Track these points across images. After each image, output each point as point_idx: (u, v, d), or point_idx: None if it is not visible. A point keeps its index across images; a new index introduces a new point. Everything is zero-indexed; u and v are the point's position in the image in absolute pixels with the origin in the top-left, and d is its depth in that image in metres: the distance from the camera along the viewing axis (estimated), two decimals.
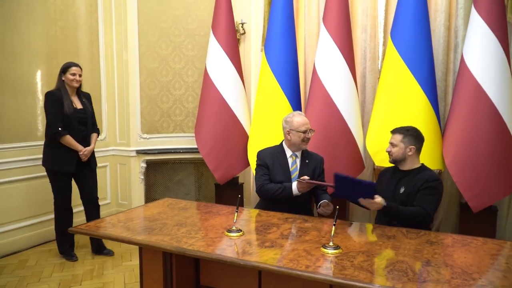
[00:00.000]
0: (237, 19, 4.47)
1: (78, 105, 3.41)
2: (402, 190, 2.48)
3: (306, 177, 2.52)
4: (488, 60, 3.07)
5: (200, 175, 4.94)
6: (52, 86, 3.93)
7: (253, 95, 4.39)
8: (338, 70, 3.54)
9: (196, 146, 4.25)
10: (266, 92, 3.82)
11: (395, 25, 3.40)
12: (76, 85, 3.36)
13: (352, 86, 3.57)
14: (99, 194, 4.49)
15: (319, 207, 2.52)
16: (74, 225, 3.58)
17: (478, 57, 3.08)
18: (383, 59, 3.78)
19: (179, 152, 4.65)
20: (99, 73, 4.48)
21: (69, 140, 3.30)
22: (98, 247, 3.64)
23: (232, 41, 4.09)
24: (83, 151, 3.37)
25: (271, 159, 2.75)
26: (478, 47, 3.09)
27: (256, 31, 4.52)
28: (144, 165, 4.61)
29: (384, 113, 3.39)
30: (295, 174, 2.72)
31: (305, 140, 2.71)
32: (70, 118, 3.28)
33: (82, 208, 3.67)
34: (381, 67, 3.83)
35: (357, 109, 3.63)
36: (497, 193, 3.08)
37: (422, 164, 2.58)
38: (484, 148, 3.04)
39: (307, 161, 2.77)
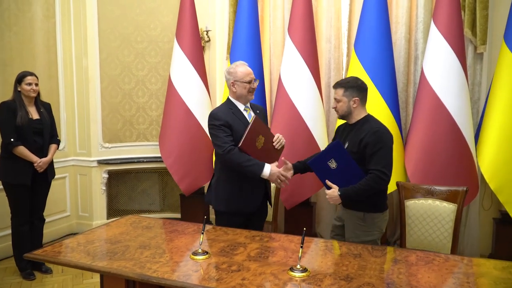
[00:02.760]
0: (202, 26, 4.42)
1: (34, 115, 3.26)
2: (346, 145, 2.44)
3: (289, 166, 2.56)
4: (446, 72, 3.18)
5: (165, 184, 4.84)
6: (9, 94, 3.71)
7: (218, 104, 4.34)
8: (303, 79, 3.57)
9: (160, 155, 4.16)
10: None
11: (358, 37, 3.46)
12: (33, 94, 3.22)
13: (316, 95, 3.61)
14: (59, 207, 4.35)
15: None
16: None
17: (436, 69, 3.19)
18: (347, 69, 3.83)
19: (143, 162, 4.53)
20: (57, 80, 4.28)
21: (22, 150, 3.16)
22: (36, 263, 3.42)
23: (196, 49, 4.03)
24: (38, 162, 3.22)
25: (230, 116, 2.50)
26: (437, 60, 3.20)
27: (221, 39, 4.47)
28: (105, 175, 4.46)
29: None
30: None
31: (251, 91, 2.55)
32: (24, 129, 3.15)
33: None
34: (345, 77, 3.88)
35: (322, 118, 3.67)
36: None
37: (367, 114, 2.49)
38: (443, 156, 3.15)
39: (257, 111, 2.66)
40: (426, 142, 3.20)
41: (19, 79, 3.19)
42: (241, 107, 2.59)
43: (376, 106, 3.30)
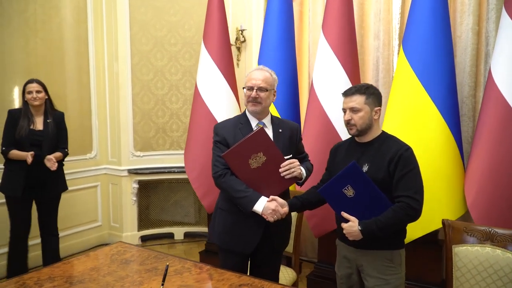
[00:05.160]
0: (237, 25, 4.04)
1: (39, 125, 3.10)
2: (365, 168, 1.92)
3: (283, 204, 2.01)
4: None
5: None
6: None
7: None
8: (338, 85, 2.97)
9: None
10: None
11: (407, 32, 2.81)
12: (35, 103, 3.04)
13: None
14: (90, 216, 4.26)
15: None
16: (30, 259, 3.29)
17: (507, 71, 2.43)
18: None
19: (174, 172, 4.26)
20: (89, 87, 4.18)
21: (14, 152, 3.00)
22: None
23: (225, 53, 3.62)
24: (29, 154, 2.93)
25: (232, 132, 2.10)
26: (508, 58, 2.44)
27: (258, 39, 4.02)
28: (136, 185, 4.27)
29: None
30: None
31: (251, 100, 2.05)
32: (22, 139, 3.00)
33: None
34: None
35: None
36: None
37: (383, 131, 2.02)
38: None
39: (280, 130, 2.14)
40: (493, 163, 2.46)
41: (23, 88, 3.07)
42: (253, 122, 2.13)
43: (427, 117, 2.65)
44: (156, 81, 4.30)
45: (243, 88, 2.11)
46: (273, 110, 3.23)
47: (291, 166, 2.03)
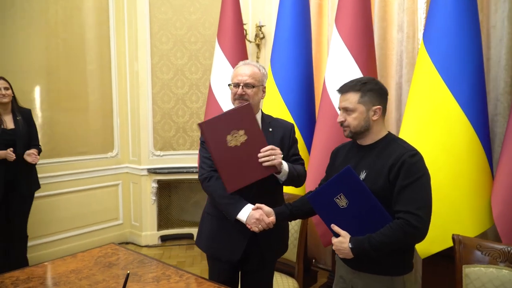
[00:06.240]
0: (256, 21, 3.90)
1: (9, 124, 3.04)
2: (363, 175, 1.68)
3: (268, 217, 1.82)
4: None
5: None
6: (53, 103, 3.77)
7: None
8: None
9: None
10: (271, 109, 3.17)
11: (429, 22, 2.52)
12: (4, 100, 2.99)
13: None
14: (111, 214, 4.30)
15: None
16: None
17: None
18: None
19: (193, 172, 4.19)
20: (111, 86, 4.22)
21: None
22: None
23: (239, 50, 3.49)
24: (9, 150, 2.90)
25: None
26: None
27: None
28: (155, 185, 4.25)
29: (411, 140, 2.52)
30: None
31: (237, 98, 1.89)
32: None
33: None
34: None
35: None
36: None
37: (388, 132, 1.75)
38: None
39: (270, 129, 1.97)
40: None
41: None
42: None
43: (448, 117, 2.35)
44: (176, 80, 4.26)
45: (229, 84, 1.96)
46: (285, 111, 3.06)
47: (272, 153, 1.82)
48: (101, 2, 4.06)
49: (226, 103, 3.40)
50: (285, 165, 1.88)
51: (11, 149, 2.94)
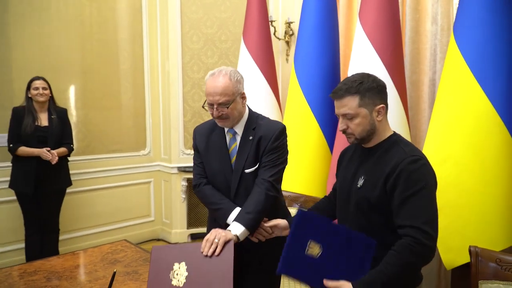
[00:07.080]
0: (285, 18, 3.81)
1: (44, 122, 3.17)
2: (360, 182, 1.53)
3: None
4: None
5: None
6: (87, 102, 3.92)
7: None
8: None
9: None
10: (294, 109, 3.07)
11: (460, 14, 2.30)
12: (41, 99, 3.12)
13: (396, 103, 2.57)
14: (143, 211, 4.40)
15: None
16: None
17: None
18: None
19: None
20: (143, 85, 4.31)
21: (23, 149, 3.07)
22: None
23: (264, 48, 3.41)
24: (45, 149, 3.04)
25: (206, 137, 1.87)
26: None
27: None
28: (184, 183, 4.28)
29: (439, 141, 2.33)
30: (234, 159, 1.82)
31: (217, 117, 1.74)
32: (28, 136, 3.07)
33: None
34: None
35: (405, 130, 2.61)
36: None
37: (394, 132, 1.58)
38: None
39: (250, 137, 1.80)
40: None
41: (28, 84, 3.12)
42: (226, 127, 1.85)
43: (479, 116, 2.13)
44: None
45: (203, 106, 1.81)
46: (308, 111, 2.93)
47: (211, 239, 1.56)
48: (134, 3, 4.16)
49: (251, 102, 3.34)
50: (238, 230, 1.64)
51: (48, 148, 3.09)
